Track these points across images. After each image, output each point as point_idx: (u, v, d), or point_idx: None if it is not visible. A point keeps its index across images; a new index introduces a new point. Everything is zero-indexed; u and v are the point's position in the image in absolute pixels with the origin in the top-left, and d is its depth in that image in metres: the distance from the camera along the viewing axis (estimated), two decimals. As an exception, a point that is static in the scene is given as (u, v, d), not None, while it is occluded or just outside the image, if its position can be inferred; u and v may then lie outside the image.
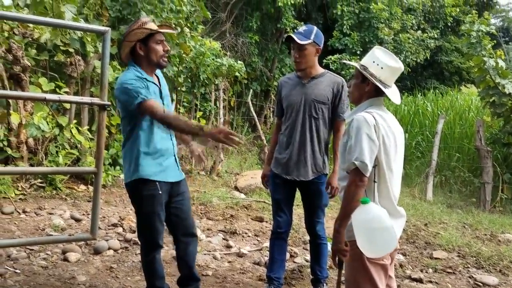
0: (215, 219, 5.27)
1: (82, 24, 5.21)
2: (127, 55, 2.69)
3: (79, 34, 5.96)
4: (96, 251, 3.93)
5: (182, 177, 2.88)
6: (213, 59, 8.16)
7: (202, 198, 6.00)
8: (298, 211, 4.74)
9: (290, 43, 3.14)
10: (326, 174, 3.27)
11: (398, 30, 11.96)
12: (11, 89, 5.34)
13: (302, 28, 3.12)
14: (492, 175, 7.38)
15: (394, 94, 2.28)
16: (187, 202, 2.93)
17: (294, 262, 4.15)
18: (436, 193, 7.84)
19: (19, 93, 4.89)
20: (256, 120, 10.18)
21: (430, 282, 3.97)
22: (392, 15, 11.98)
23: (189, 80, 7.93)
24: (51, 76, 6.16)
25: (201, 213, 5.46)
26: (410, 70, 12.82)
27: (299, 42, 3.03)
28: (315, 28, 3.13)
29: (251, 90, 11.32)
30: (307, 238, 4.76)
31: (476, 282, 4.02)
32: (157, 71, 2.80)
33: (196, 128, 2.45)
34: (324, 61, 11.88)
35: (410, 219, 5.87)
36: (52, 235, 4.18)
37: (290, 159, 3.19)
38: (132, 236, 4.33)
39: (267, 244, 4.44)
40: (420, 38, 12.48)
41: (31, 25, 5.68)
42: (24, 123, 5.40)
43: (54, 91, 5.62)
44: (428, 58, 13.43)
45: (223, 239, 4.63)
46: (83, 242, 4.03)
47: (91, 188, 5.82)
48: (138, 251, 4.03)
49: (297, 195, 3.40)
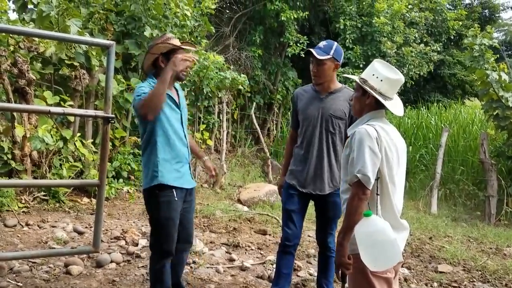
0: (218, 232, 5.25)
1: (87, 38, 5.26)
2: (149, 66, 2.88)
3: (84, 48, 6.03)
4: (99, 264, 3.91)
5: (194, 184, 3.01)
6: (216, 73, 8.20)
7: (205, 211, 5.98)
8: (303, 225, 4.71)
9: (309, 57, 3.13)
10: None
11: (401, 44, 12.00)
12: (16, 102, 5.39)
13: (322, 43, 3.12)
14: (497, 188, 7.33)
15: (396, 106, 2.27)
16: (193, 210, 3.07)
17: (297, 276, 4.11)
18: (441, 206, 7.79)
19: (23, 106, 4.92)
20: (260, 133, 10.20)
21: (435, 296, 3.93)
22: (394, 29, 12.03)
23: (192, 93, 7.97)
24: (55, 90, 6.22)
25: (204, 225, 5.44)
26: (413, 83, 12.83)
27: (318, 57, 3.04)
28: (335, 43, 3.13)
29: (254, 103, 11.34)
30: (310, 251, 4.74)
31: (481, 297, 3.98)
32: (175, 84, 2.98)
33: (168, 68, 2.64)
34: (327, 74, 11.89)
35: (414, 232, 5.82)
36: (54, 248, 4.17)
37: (307, 173, 3.18)
38: (135, 249, 4.32)
39: (270, 257, 4.42)
40: (423, 52, 12.52)
41: (36, 39, 5.75)
42: (28, 136, 5.43)
43: (58, 105, 5.66)
44: (432, 71, 13.45)
45: (226, 252, 4.60)
46: (85, 255, 4.02)
47: (94, 200, 5.82)
48: (140, 265, 4.01)
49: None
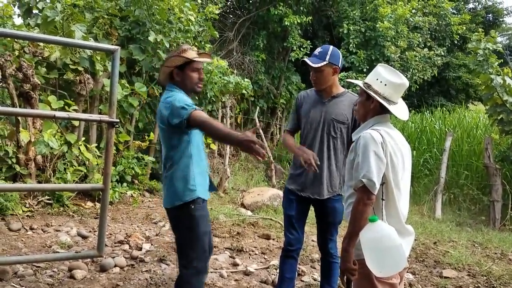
0: (221, 236, 5.24)
1: (91, 43, 5.30)
2: (166, 79, 2.78)
3: (89, 53, 6.06)
4: (102, 269, 3.91)
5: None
6: (220, 77, 8.23)
7: (208, 216, 5.97)
8: (306, 229, 4.70)
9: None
10: (341, 194, 3.25)
11: (405, 48, 12.00)
12: (21, 106, 5.41)
13: (318, 50, 3.11)
14: (502, 193, 7.30)
15: (400, 111, 2.27)
16: None
17: (302, 281, 4.10)
18: (445, 211, 7.76)
19: (28, 110, 4.95)
20: (263, 137, 10.20)
21: (440, 302, 3.91)
22: (398, 33, 12.03)
23: (196, 97, 7.99)
24: (60, 94, 6.24)
25: (207, 230, 5.43)
26: (417, 88, 12.82)
27: (313, 65, 3.03)
28: (331, 47, 3.11)
29: (257, 108, 11.36)
30: (315, 256, 4.72)
31: (487, 302, 3.95)
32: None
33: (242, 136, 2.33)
34: (331, 78, 11.90)
35: (419, 237, 5.80)
36: (58, 252, 4.18)
37: (306, 177, 3.17)
38: (139, 254, 4.32)
39: (274, 262, 4.41)
40: (426, 56, 12.51)
41: (41, 44, 5.79)
42: (33, 140, 5.45)
43: (63, 109, 5.68)
44: (435, 75, 13.44)
45: (230, 256, 4.60)
46: (89, 259, 4.02)
47: (98, 205, 5.83)
48: (144, 269, 4.01)
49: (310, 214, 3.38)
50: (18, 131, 5.39)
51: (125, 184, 6.59)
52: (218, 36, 9.56)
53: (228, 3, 13.39)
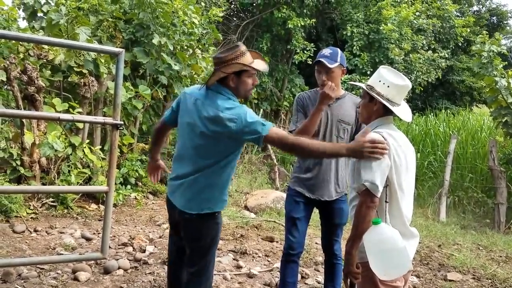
0: (225, 239, 5.24)
1: (96, 45, 5.32)
2: (215, 82, 2.58)
3: (93, 56, 6.08)
4: (106, 271, 3.92)
5: None
6: (224, 80, 8.23)
7: (212, 218, 5.96)
8: (309, 231, 4.69)
9: (314, 66, 3.10)
10: (346, 193, 3.27)
11: (409, 51, 11.99)
12: (26, 109, 5.44)
13: (327, 51, 3.08)
14: (506, 195, 7.27)
15: (404, 112, 2.26)
16: None
17: (305, 284, 4.09)
18: (449, 214, 7.73)
19: (33, 112, 4.97)
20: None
21: (445, 305, 3.89)
22: (402, 35, 12.02)
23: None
24: (64, 97, 6.27)
25: (211, 233, 5.43)
26: (421, 90, 12.80)
27: (329, 66, 3.01)
28: (339, 50, 3.12)
29: (261, 110, 11.37)
30: (318, 259, 4.71)
31: (492, 306, 3.93)
32: None
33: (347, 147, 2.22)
34: (334, 81, 11.90)
35: (423, 240, 5.78)
36: (62, 254, 4.19)
37: (316, 179, 3.17)
38: (142, 256, 4.32)
39: (277, 264, 4.40)
40: (430, 58, 12.49)
41: (46, 46, 5.82)
42: (37, 142, 5.47)
43: (67, 111, 5.70)
44: (440, 78, 13.41)
45: (233, 259, 4.59)
46: (93, 262, 4.03)
47: (102, 207, 5.84)
48: (148, 271, 4.01)
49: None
50: (23, 133, 5.42)
51: (129, 187, 6.60)
52: (221, 38, 9.58)
53: (231, 6, 13.44)
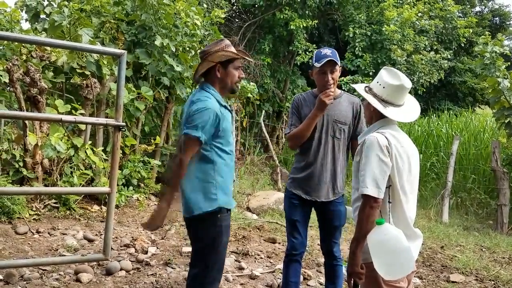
0: (227, 241, 5.23)
1: (98, 47, 5.33)
2: (200, 75, 2.59)
3: (95, 57, 6.09)
4: (108, 272, 3.92)
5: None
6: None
7: (214, 219, 5.95)
8: (310, 232, 4.69)
9: (319, 67, 3.05)
10: (343, 194, 3.26)
11: (411, 52, 11.98)
12: (28, 110, 5.45)
13: (329, 51, 3.06)
14: (509, 196, 7.24)
15: (401, 113, 2.23)
16: None
17: (307, 285, 4.08)
18: (452, 215, 7.71)
19: (35, 114, 4.98)
20: (269, 141, 10.21)
21: (448, 306, 3.87)
22: (404, 36, 12.01)
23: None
24: (67, 98, 6.28)
25: (213, 234, 5.42)
26: (424, 91, 12.78)
27: (338, 63, 3.03)
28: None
29: (263, 111, 11.37)
30: (320, 260, 4.70)
31: (495, 307, 3.91)
32: None
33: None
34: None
35: (426, 241, 5.76)
36: (65, 255, 4.19)
37: (311, 180, 3.15)
38: (144, 257, 4.32)
39: (280, 266, 4.39)
40: (433, 59, 12.47)
41: (48, 48, 5.84)
42: (40, 144, 5.48)
43: (70, 113, 5.71)
44: (442, 79, 13.39)
45: (236, 260, 4.59)
46: (95, 263, 4.03)
47: (104, 208, 5.85)
48: (150, 272, 4.01)
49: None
50: (25, 134, 5.43)
51: (131, 188, 6.60)
52: (224, 40, 9.58)
53: (234, 8, 13.45)
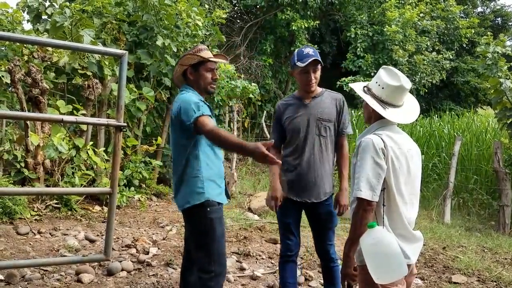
0: (228, 241, 5.22)
1: (99, 47, 5.32)
2: (179, 77, 2.78)
3: (97, 58, 6.10)
4: (109, 272, 3.92)
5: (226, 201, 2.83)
6: (227, 81, 8.25)
7: (215, 220, 5.95)
8: (309, 234, 4.67)
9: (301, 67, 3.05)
10: (333, 194, 3.23)
11: (413, 52, 11.97)
12: (30, 111, 5.46)
13: (311, 50, 3.06)
14: (511, 197, 7.21)
15: (399, 114, 2.19)
16: None
17: (309, 286, 4.07)
18: (454, 216, 7.68)
19: (37, 114, 4.98)
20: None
21: (449, 307, 3.86)
22: (406, 37, 12.00)
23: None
24: (68, 99, 6.30)
25: (214, 235, 5.42)
26: (425, 92, 12.76)
27: (321, 62, 3.03)
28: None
29: (264, 112, 11.36)
30: (322, 261, 4.69)
31: (497, 308, 3.89)
32: None
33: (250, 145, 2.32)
34: (338, 83, 11.92)
35: (427, 242, 5.75)
36: (66, 256, 4.19)
37: (300, 181, 3.11)
38: (146, 258, 4.32)
39: (281, 266, 4.38)
40: (435, 60, 12.46)
41: (50, 49, 5.84)
42: (41, 144, 5.49)
43: (71, 113, 5.72)
44: (444, 79, 13.37)
45: (237, 261, 4.58)
46: (96, 263, 4.03)
47: (106, 209, 5.85)
48: (151, 273, 4.01)
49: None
50: (27, 135, 5.44)
51: (132, 188, 6.61)
52: (225, 40, 9.60)
53: (235, 8, 13.46)
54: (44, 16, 6.59)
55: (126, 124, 3.11)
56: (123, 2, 7.00)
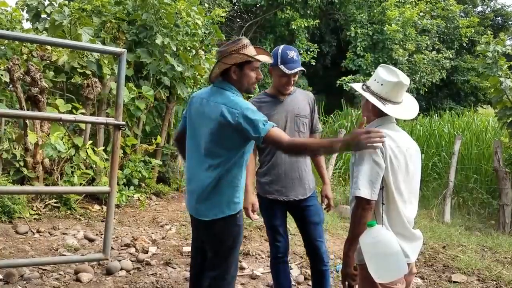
0: (228, 240, 5.21)
1: (98, 45, 5.32)
2: (217, 75, 2.55)
3: (96, 57, 6.09)
4: (109, 272, 3.91)
5: None
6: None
7: (215, 219, 5.94)
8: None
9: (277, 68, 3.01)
10: (315, 189, 3.22)
11: (413, 51, 11.96)
12: (29, 110, 5.45)
13: (294, 54, 3.01)
14: (511, 196, 7.21)
15: (401, 110, 2.19)
16: None
17: (308, 286, 4.06)
18: (454, 215, 7.67)
19: (35, 113, 4.96)
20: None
21: (449, 307, 3.85)
22: (406, 36, 11.99)
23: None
24: (68, 98, 6.28)
25: (214, 234, 5.41)
26: (425, 91, 12.75)
27: (300, 69, 3.01)
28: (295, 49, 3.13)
29: (265, 111, 11.33)
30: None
31: (497, 308, 3.88)
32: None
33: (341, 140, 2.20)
34: (338, 82, 11.91)
35: (427, 241, 5.74)
36: (65, 255, 4.18)
37: (285, 180, 3.06)
38: (145, 257, 4.31)
39: (280, 266, 4.37)
40: (435, 59, 12.45)
41: (49, 47, 5.83)
42: (40, 143, 5.48)
43: (70, 112, 5.71)
44: (444, 78, 13.36)
45: (236, 260, 4.57)
46: (95, 262, 4.02)
47: (105, 208, 5.83)
48: (150, 272, 4.00)
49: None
50: (26, 134, 5.43)
51: (132, 188, 6.60)
52: (225, 39, 9.58)
53: (235, 7, 13.45)
54: (43, 15, 6.58)
55: (125, 123, 3.09)
56: (123, 1, 7.00)
